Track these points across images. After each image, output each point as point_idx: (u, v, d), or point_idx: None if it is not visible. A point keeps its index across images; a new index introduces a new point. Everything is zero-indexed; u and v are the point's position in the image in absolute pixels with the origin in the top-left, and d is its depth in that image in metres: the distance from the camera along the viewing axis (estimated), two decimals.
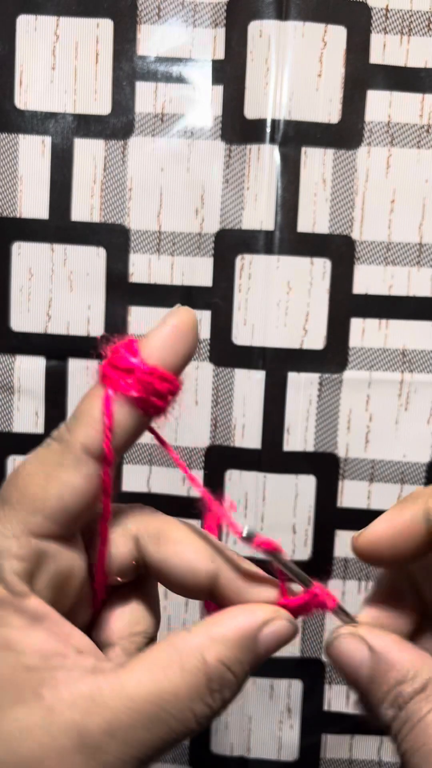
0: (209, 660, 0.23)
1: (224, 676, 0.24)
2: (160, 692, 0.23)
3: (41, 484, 0.24)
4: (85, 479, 0.24)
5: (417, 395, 0.49)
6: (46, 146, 0.48)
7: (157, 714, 0.23)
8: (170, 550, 0.26)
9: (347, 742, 0.52)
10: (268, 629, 0.24)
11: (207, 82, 0.48)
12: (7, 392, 0.50)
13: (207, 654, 0.24)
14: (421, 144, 0.48)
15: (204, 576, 0.26)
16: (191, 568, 0.26)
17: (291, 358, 0.49)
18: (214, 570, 0.26)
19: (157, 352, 0.25)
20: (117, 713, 0.22)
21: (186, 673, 0.23)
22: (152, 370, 0.24)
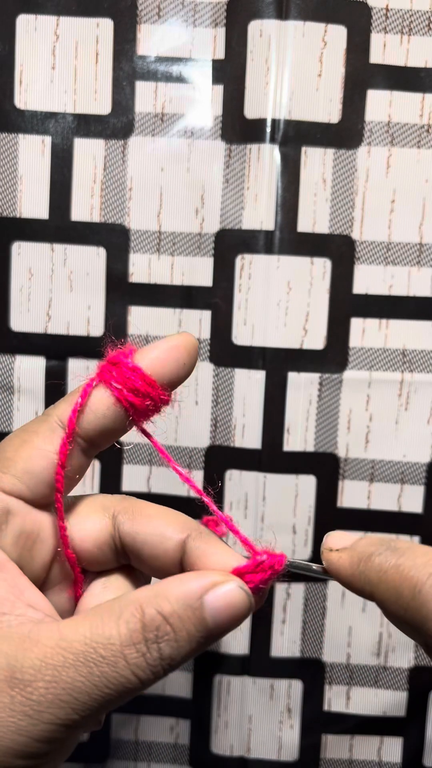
0: (147, 610, 0.24)
1: (161, 626, 0.23)
2: (93, 635, 0.23)
3: (15, 447, 0.27)
4: (53, 448, 0.27)
5: (417, 395, 0.49)
6: (46, 146, 0.48)
7: (88, 654, 0.23)
8: (144, 522, 0.28)
9: (347, 742, 0.52)
10: (215, 591, 0.24)
11: (207, 81, 0.48)
12: (7, 392, 0.50)
13: (146, 605, 0.24)
14: (421, 144, 0.48)
15: (174, 543, 0.27)
16: (162, 535, 0.27)
17: (291, 358, 0.49)
18: (183, 539, 0.27)
19: (148, 359, 0.27)
20: (48, 650, 0.23)
21: (122, 620, 0.23)
22: (135, 368, 0.27)
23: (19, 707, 0.22)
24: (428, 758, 0.52)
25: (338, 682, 0.52)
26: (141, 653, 0.23)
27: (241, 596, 0.24)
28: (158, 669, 0.24)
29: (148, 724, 0.53)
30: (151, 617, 0.23)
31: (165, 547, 0.27)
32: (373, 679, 0.52)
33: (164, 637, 0.23)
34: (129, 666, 0.23)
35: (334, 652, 0.51)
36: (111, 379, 0.27)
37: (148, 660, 0.23)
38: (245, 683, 0.51)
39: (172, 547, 0.27)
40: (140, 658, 0.23)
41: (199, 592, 0.24)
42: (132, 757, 0.53)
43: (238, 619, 0.25)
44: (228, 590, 0.24)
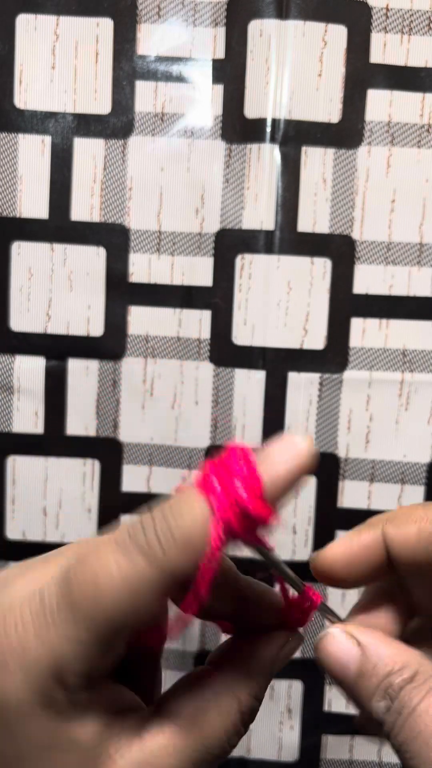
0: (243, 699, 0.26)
1: (255, 708, 0.26)
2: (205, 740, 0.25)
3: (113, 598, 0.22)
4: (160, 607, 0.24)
5: (417, 395, 0.49)
6: (45, 146, 0.48)
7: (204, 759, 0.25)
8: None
9: (347, 742, 0.52)
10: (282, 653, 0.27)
11: (207, 81, 0.48)
12: (7, 392, 0.50)
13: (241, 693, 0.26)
14: (421, 143, 0.48)
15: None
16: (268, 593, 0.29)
17: (291, 358, 0.49)
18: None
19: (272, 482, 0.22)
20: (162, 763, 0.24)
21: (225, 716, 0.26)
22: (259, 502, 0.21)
23: None
24: None
25: None
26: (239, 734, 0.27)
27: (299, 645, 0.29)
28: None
29: None
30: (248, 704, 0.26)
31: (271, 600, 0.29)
32: None
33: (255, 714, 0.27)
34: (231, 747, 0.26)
35: None
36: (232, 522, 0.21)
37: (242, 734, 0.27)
38: None
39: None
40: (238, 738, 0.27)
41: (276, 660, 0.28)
42: None
43: None
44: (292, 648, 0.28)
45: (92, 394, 0.50)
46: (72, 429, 0.50)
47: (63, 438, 0.50)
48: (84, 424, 0.50)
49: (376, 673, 0.25)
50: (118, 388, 0.50)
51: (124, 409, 0.50)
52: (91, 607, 0.21)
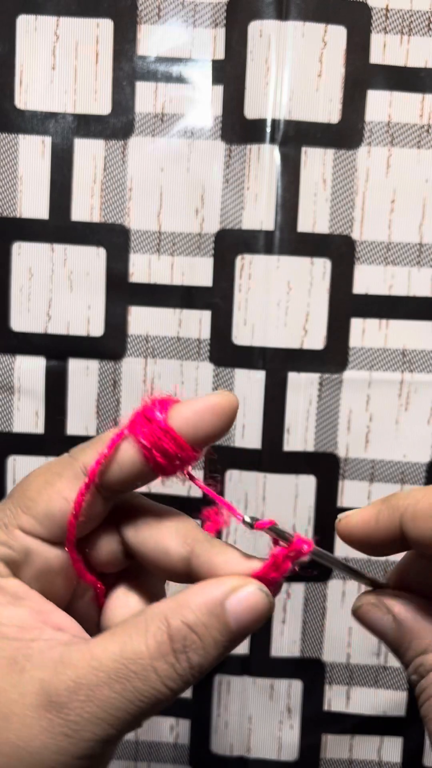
0: (172, 622, 0.24)
1: (187, 636, 0.24)
2: (123, 651, 0.24)
3: (38, 488, 0.27)
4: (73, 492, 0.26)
5: (417, 395, 0.49)
6: (46, 146, 0.48)
7: (120, 671, 0.23)
8: (146, 534, 0.28)
9: (347, 742, 0.52)
10: (236, 596, 0.25)
11: (207, 82, 0.48)
12: (7, 392, 0.50)
13: (171, 617, 0.24)
14: (421, 144, 0.48)
15: (176, 558, 0.27)
16: (164, 551, 0.27)
17: (291, 358, 0.49)
18: (186, 553, 0.27)
19: (182, 418, 0.26)
20: (81, 671, 0.23)
21: (149, 635, 0.24)
22: (168, 428, 0.26)
23: (57, 729, 0.23)
24: (428, 758, 0.52)
25: (338, 682, 0.52)
26: (170, 664, 0.24)
27: (261, 597, 0.25)
28: (188, 677, 0.24)
29: (148, 724, 0.53)
30: (177, 628, 0.24)
31: (170, 562, 0.27)
32: (373, 679, 0.52)
33: (191, 646, 0.24)
34: (160, 678, 0.24)
35: (334, 652, 0.51)
36: (141, 435, 0.26)
37: (178, 670, 0.24)
38: (245, 683, 0.51)
39: (177, 562, 0.27)
40: (170, 669, 0.24)
41: (220, 598, 0.25)
42: (132, 757, 0.53)
43: (261, 619, 0.25)
44: (248, 593, 0.25)
45: (92, 394, 0.50)
46: (72, 429, 0.50)
47: (63, 438, 0.50)
48: (84, 423, 0.50)
49: (411, 648, 0.26)
50: (119, 388, 0.50)
51: (124, 409, 0.50)
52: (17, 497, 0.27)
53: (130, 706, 0.23)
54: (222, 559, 0.26)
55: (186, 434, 0.26)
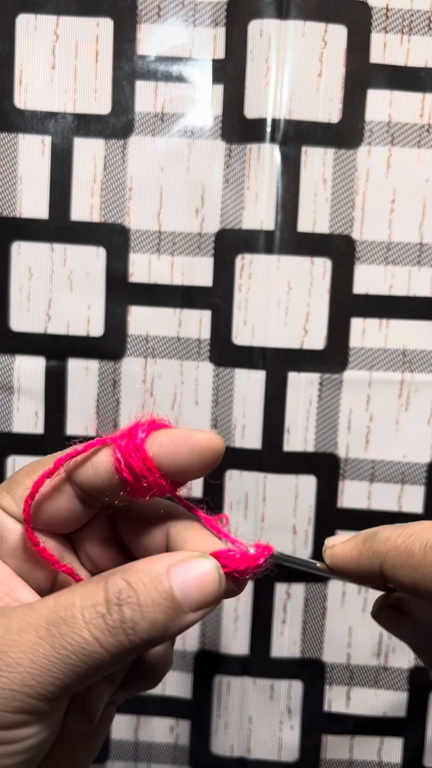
0: (111, 578, 0.24)
1: (123, 590, 0.24)
2: (56, 601, 0.24)
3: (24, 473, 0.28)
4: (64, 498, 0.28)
5: (417, 395, 0.49)
6: (45, 146, 0.48)
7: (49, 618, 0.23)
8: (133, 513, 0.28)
9: (347, 742, 0.52)
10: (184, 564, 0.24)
11: (207, 81, 0.48)
12: (7, 392, 0.50)
13: (112, 574, 0.24)
14: (421, 143, 0.48)
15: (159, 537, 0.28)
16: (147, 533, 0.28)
17: (291, 358, 0.49)
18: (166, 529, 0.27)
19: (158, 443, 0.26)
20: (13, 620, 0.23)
21: (87, 584, 0.24)
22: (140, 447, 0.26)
23: None
24: (428, 759, 0.52)
25: (338, 683, 0.52)
26: (99, 614, 0.23)
27: (211, 572, 0.25)
28: (119, 633, 0.23)
29: (148, 725, 0.53)
30: (114, 582, 0.24)
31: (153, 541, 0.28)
32: (373, 680, 0.52)
33: (126, 599, 0.23)
34: (87, 625, 0.23)
35: (334, 652, 0.51)
36: (118, 448, 0.26)
37: (108, 621, 0.23)
38: (245, 683, 0.51)
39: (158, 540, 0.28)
40: (98, 618, 0.23)
41: (166, 566, 0.24)
42: (132, 758, 0.53)
43: (209, 593, 0.24)
44: (197, 563, 0.25)
45: (92, 394, 0.50)
46: (72, 429, 0.50)
47: (63, 438, 0.50)
48: (84, 424, 0.50)
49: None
50: (118, 388, 0.50)
51: (124, 409, 0.50)
52: None
53: (54, 655, 0.23)
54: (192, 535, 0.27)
55: (159, 461, 0.26)
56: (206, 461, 0.26)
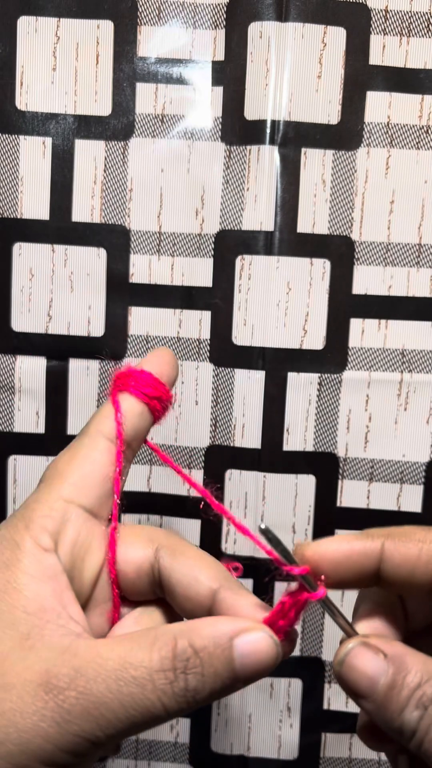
0: (179, 642, 0.25)
1: (191, 659, 0.24)
2: (127, 655, 0.24)
3: (66, 461, 0.29)
4: (99, 453, 0.29)
5: (416, 395, 0.50)
6: (46, 147, 0.49)
7: (119, 674, 0.24)
8: (182, 562, 0.28)
9: (347, 741, 0.52)
10: (245, 636, 0.25)
11: (207, 83, 0.48)
12: (8, 392, 0.50)
13: (179, 637, 0.25)
14: (420, 145, 0.48)
15: (206, 590, 0.28)
16: (195, 579, 0.28)
17: (291, 358, 0.49)
18: (215, 585, 0.28)
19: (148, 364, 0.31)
20: (84, 663, 0.24)
21: (155, 648, 0.25)
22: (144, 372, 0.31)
23: (50, 713, 0.23)
24: None
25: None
26: (168, 680, 0.24)
27: (269, 644, 0.25)
28: (182, 700, 0.24)
29: None
30: (183, 648, 0.25)
31: (197, 591, 0.28)
32: None
33: (192, 669, 0.24)
34: (156, 690, 0.24)
35: (333, 650, 0.51)
36: (130, 387, 0.30)
37: (175, 688, 0.24)
38: None
39: (204, 592, 0.28)
40: (167, 685, 0.24)
41: (230, 635, 0.25)
42: (132, 756, 0.53)
43: (266, 666, 0.25)
44: (257, 637, 0.25)
45: (93, 394, 0.50)
46: (73, 429, 0.51)
47: (64, 438, 0.50)
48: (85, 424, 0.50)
49: (407, 685, 0.25)
50: None
51: None
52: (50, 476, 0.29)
53: (122, 711, 0.24)
54: (244, 601, 0.27)
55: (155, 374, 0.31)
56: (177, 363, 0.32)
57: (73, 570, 0.28)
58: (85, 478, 0.28)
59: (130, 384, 0.30)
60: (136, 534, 0.30)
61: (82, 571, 0.28)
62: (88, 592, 0.29)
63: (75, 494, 0.28)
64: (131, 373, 0.31)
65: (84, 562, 0.28)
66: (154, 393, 0.30)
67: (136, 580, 0.29)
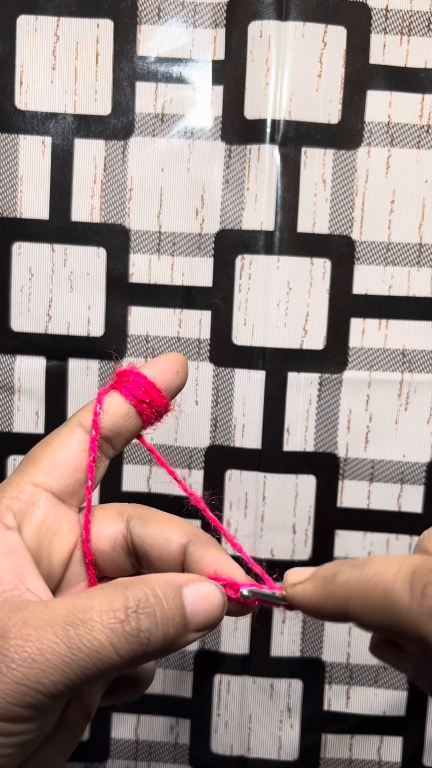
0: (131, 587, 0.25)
1: (143, 597, 0.25)
2: (75, 603, 0.24)
3: (41, 448, 0.30)
4: (75, 442, 0.29)
5: (417, 395, 0.49)
6: (46, 147, 0.49)
7: (67, 618, 0.24)
8: (152, 527, 0.29)
9: (347, 741, 0.52)
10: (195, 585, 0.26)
11: (207, 82, 0.48)
12: (8, 392, 0.50)
13: (130, 584, 0.25)
14: (420, 144, 0.48)
15: (176, 547, 0.28)
16: (166, 539, 0.29)
17: (291, 358, 0.49)
18: (184, 541, 0.28)
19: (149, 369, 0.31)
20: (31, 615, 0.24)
21: (104, 592, 0.25)
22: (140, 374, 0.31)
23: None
24: (428, 758, 0.52)
25: (338, 682, 0.52)
26: (119, 620, 0.24)
27: (216, 594, 0.26)
28: (134, 641, 0.24)
29: (148, 724, 0.53)
30: (135, 591, 0.25)
31: (169, 550, 0.29)
32: (372, 679, 0.52)
33: (144, 609, 0.24)
34: (105, 630, 0.24)
35: (334, 651, 0.52)
36: (122, 387, 0.30)
37: (126, 627, 0.24)
38: (245, 683, 0.51)
39: (175, 549, 0.29)
40: (117, 624, 0.24)
41: (180, 582, 0.26)
42: (132, 757, 0.53)
43: (214, 615, 0.26)
44: (205, 587, 0.26)
45: (93, 395, 0.50)
46: None
47: None
48: None
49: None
50: None
51: None
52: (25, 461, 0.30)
53: (69, 654, 0.23)
54: (213, 553, 0.28)
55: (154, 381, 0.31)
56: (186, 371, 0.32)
57: (41, 551, 0.28)
58: (57, 464, 0.29)
59: (123, 383, 0.30)
60: (106, 512, 0.30)
61: (51, 553, 0.29)
62: (59, 574, 0.29)
63: (46, 479, 0.29)
64: (128, 373, 0.31)
65: (52, 544, 0.29)
66: (143, 397, 0.30)
67: (113, 554, 0.30)
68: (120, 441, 0.31)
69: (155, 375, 0.31)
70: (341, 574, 0.26)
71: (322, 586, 0.26)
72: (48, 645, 0.23)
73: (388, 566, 0.25)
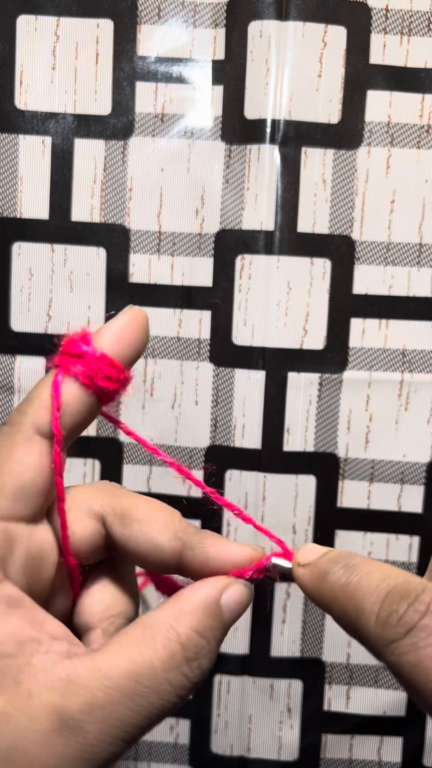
0: (181, 630, 0.24)
1: (199, 643, 0.24)
2: (135, 667, 0.23)
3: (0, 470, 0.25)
4: (38, 457, 0.25)
5: (417, 395, 0.49)
6: (46, 146, 0.49)
7: (134, 689, 0.23)
8: (135, 528, 0.27)
9: (347, 742, 0.52)
10: (227, 595, 0.26)
11: (207, 82, 0.48)
12: (8, 392, 0.50)
13: (178, 626, 0.24)
14: (421, 144, 0.48)
15: (168, 552, 0.27)
16: (155, 545, 0.26)
17: (291, 358, 0.49)
18: (178, 546, 0.26)
19: (108, 342, 0.26)
20: (94, 692, 0.23)
21: (159, 646, 0.24)
22: (101, 356, 0.25)
23: (75, 753, 0.22)
24: (428, 758, 0.52)
25: (338, 682, 0.52)
26: (183, 674, 0.24)
27: (246, 592, 0.26)
28: (198, 682, 0.24)
29: None
30: (188, 637, 0.24)
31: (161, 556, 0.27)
32: (373, 679, 0.52)
33: (202, 652, 0.24)
34: (174, 690, 0.24)
35: (334, 651, 0.51)
36: (79, 372, 0.25)
37: (191, 679, 0.24)
38: (245, 683, 0.51)
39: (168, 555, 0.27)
40: (184, 679, 0.24)
41: (216, 598, 0.25)
42: (132, 757, 0.53)
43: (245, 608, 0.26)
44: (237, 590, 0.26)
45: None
46: None
47: None
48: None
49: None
50: None
51: (124, 409, 0.50)
52: None
53: (144, 720, 0.23)
54: (216, 549, 0.27)
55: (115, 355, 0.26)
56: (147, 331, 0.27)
57: (32, 586, 0.26)
58: (23, 490, 0.25)
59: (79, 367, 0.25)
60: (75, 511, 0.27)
61: (39, 581, 0.27)
62: (48, 590, 0.27)
63: (14, 510, 0.25)
64: (83, 354, 0.25)
65: (39, 572, 0.26)
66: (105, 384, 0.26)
67: (94, 553, 0.28)
68: (80, 431, 0.27)
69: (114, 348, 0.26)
70: (332, 574, 0.25)
71: (316, 580, 0.26)
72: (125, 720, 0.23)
73: (370, 580, 0.24)
